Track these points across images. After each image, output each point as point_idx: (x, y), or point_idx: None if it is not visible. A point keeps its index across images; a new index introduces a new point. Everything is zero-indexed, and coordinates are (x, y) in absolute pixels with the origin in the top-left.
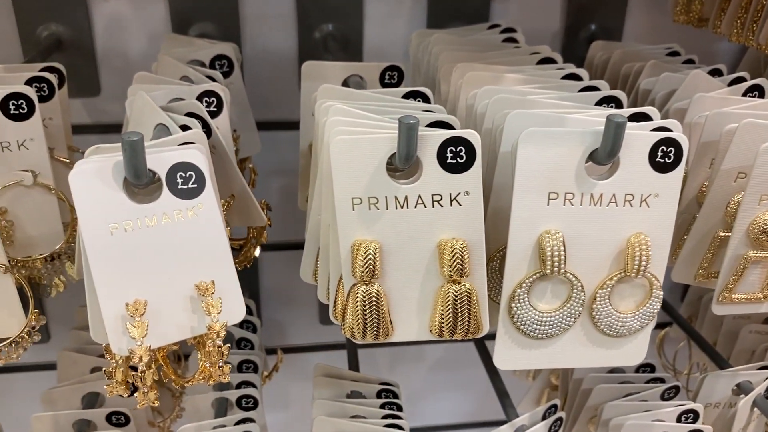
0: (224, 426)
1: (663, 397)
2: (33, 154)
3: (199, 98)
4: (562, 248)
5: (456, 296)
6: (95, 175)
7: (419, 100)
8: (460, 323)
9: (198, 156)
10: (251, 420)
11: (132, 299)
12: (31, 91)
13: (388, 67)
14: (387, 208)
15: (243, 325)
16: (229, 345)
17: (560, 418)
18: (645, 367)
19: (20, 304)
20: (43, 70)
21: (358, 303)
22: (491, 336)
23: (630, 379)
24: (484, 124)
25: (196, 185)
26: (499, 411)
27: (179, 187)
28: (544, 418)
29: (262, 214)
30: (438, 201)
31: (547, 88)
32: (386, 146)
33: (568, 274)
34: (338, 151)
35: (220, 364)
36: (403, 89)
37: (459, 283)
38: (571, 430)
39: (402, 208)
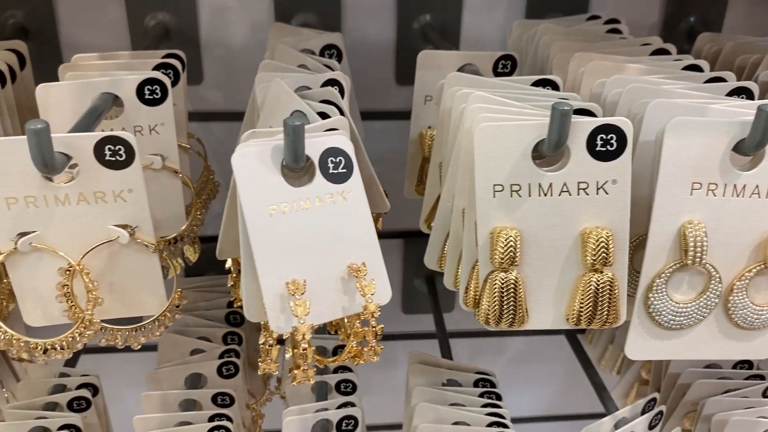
0: (326, 409)
1: (765, 395)
2: (162, 138)
3: (322, 86)
4: (705, 239)
5: (598, 285)
6: (256, 158)
7: (548, 88)
8: (599, 312)
9: (347, 142)
10: (352, 404)
11: (290, 279)
12: (165, 78)
13: (502, 56)
14: (529, 196)
15: None
16: (383, 326)
17: (661, 412)
18: (742, 364)
19: (163, 284)
20: (165, 57)
21: (496, 290)
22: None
23: (728, 375)
24: (616, 113)
25: (345, 170)
26: (580, 404)
27: (330, 171)
28: (643, 411)
29: (386, 200)
30: (584, 189)
31: (672, 78)
32: (533, 133)
33: (707, 265)
34: (483, 138)
35: (373, 344)
36: (532, 77)
37: (601, 272)
38: (664, 424)
39: (545, 195)
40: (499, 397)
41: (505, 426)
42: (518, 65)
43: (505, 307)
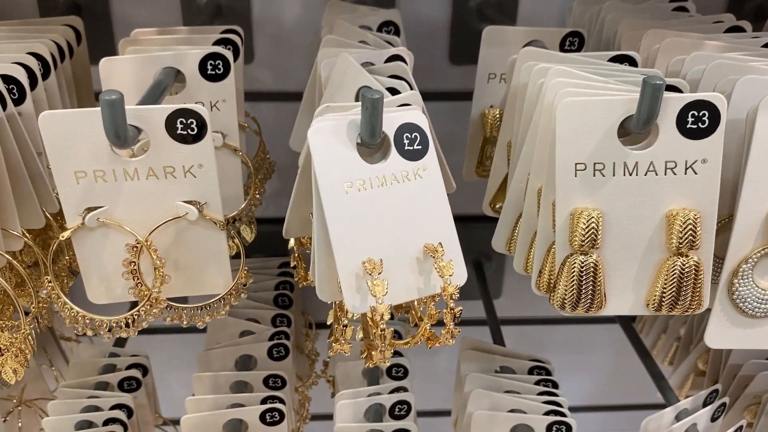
0: (379, 394)
1: None
2: (223, 115)
3: (385, 63)
4: None
5: (683, 270)
6: (332, 133)
7: (626, 65)
8: (682, 298)
9: (422, 117)
10: (404, 389)
11: (365, 258)
12: (227, 53)
13: (569, 33)
14: (613, 175)
15: None
16: (461, 308)
17: (724, 404)
18: None
19: (229, 263)
20: (223, 32)
21: (575, 273)
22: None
23: None
24: (698, 90)
25: (420, 147)
26: (633, 394)
27: (405, 148)
28: (705, 403)
29: (452, 181)
30: (672, 168)
31: (752, 55)
32: (621, 109)
33: None
34: (566, 114)
35: (451, 327)
36: (608, 53)
37: (686, 256)
38: (724, 417)
39: (630, 175)
40: (555, 385)
41: (562, 414)
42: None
43: (584, 291)
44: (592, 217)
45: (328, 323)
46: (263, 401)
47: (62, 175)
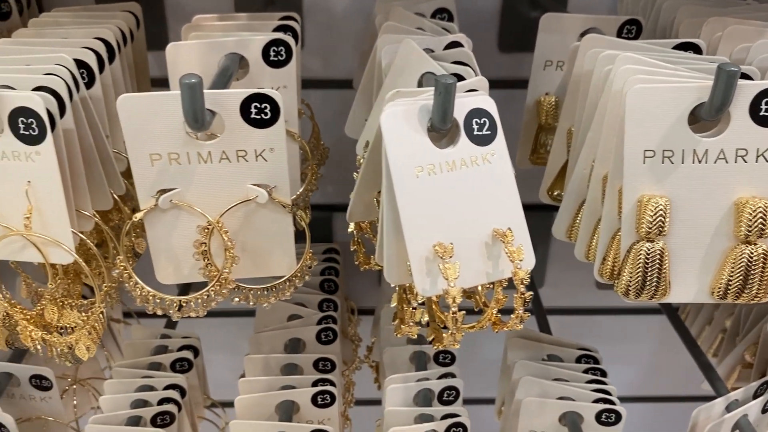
0: (428, 379)
1: None
2: (284, 101)
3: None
4: None
5: (750, 258)
6: (404, 117)
7: (690, 52)
8: (748, 287)
9: (491, 103)
10: (452, 375)
11: (435, 242)
12: (290, 39)
13: (627, 20)
14: (682, 162)
15: None
16: (531, 293)
17: None
18: None
19: (294, 246)
20: (281, 19)
21: (640, 261)
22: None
23: None
24: (766, 78)
25: (489, 132)
26: (671, 385)
27: (475, 133)
28: (756, 395)
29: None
30: (742, 156)
31: None
32: (692, 96)
33: None
34: (636, 101)
35: (520, 311)
36: (672, 41)
37: (755, 244)
38: None
39: (699, 162)
40: (603, 374)
41: (611, 402)
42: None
43: (648, 278)
44: (660, 205)
45: (392, 305)
46: (314, 384)
47: (138, 157)
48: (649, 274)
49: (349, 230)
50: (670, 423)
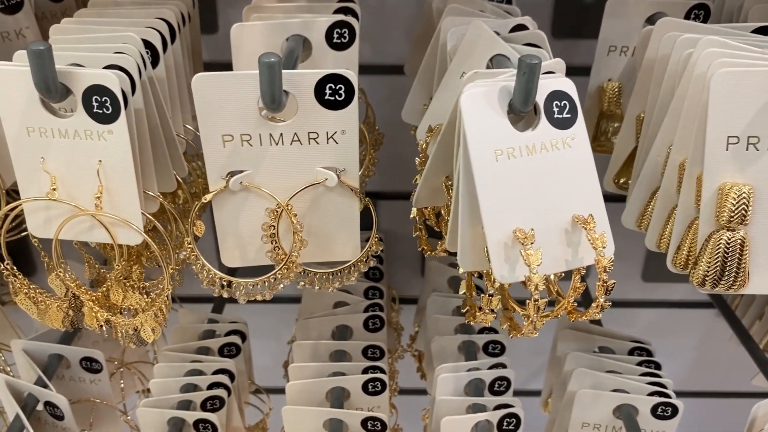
0: (479, 369)
1: None
2: None
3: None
4: None
5: None
6: (484, 99)
7: None
8: None
9: (571, 85)
10: (503, 365)
11: (514, 227)
12: (354, 21)
13: (696, 5)
14: None
15: None
16: (614, 281)
17: None
18: None
19: (359, 231)
20: (340, 1)
21: (720, 250)
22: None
23: None
24: None
25: (569, 115)
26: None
27: (555, 116)
28: None
29: None
30: None
31: None
32: None
33: None
34: (721, 85)
35: (602, 300)
36: (750, 24)
37: None
38: None
39: None
40: (658, 366)
41: (667, 396)
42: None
43: (727, 268)
44: (743, 193)
45: (461, 293)
46: (364, 371)
47: (210, 138)
48: (728, 264)
49: (411, 216)
50: (718, 418)
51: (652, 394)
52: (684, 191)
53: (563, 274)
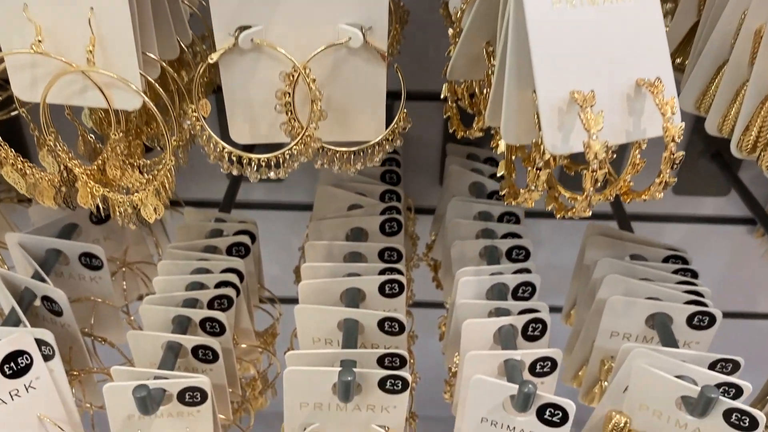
0: (501, 273)
1: None
2: None
3: None
4: None
5: None
6: None
7: None
8: None
9: None
10: (528, 270)
11: (570, 89)
12: None
13: None
14: None
15: None
16: (683, 152)
17: None
18: None
19: (384, 105)
20: None
21: None
22: None
23: None
24: None
25: None
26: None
27: None
28: None
29: None
30: None
31: None
32: None
33: None
34: None
35: (667, 175)
36: None
37: None
38: None
39: None
40: (695, 275)
41: (704, 305)
42: None
43: None
44: None
45: (499, 174)
46: (381, 272)
47: None
48: None
49: (443, 95)
50: (751, 339)
51: (688, 303)
52: (759, 63)
53: (614, 155)
